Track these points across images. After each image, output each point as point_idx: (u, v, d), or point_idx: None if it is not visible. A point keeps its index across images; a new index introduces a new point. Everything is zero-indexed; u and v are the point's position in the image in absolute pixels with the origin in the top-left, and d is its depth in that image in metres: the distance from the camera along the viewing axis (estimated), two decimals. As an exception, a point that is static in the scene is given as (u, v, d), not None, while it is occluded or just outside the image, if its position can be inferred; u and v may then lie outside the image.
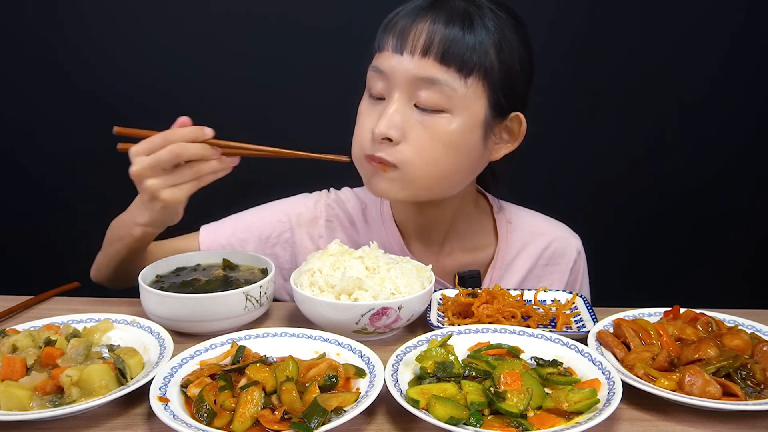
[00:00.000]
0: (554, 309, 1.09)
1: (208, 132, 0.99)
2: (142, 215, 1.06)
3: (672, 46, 1.99)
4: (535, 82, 1.18)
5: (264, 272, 1.12)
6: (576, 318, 1.06)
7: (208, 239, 1.28)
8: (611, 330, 0.96)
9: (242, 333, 0.93)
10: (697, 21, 1.98)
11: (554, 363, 0.87)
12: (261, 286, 1.03)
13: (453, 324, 1.03)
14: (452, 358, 0.84)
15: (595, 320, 1.01)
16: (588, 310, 1.07)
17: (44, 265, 1.98)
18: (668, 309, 1.01)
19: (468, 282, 1.25)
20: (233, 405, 0.76)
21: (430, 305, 1.08)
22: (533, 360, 0.88)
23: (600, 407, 0.76)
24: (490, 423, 0.74)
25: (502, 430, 0.73)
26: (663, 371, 0.84)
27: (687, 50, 2.00)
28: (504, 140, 1.16)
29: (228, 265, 1.16)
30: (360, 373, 0.83)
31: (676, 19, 1.97)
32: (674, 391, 0.80)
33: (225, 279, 1.08)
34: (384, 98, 1.11)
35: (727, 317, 1.01)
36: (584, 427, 0.71)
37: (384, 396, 0.80)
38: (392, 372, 0.83)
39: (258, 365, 0.82)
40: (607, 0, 1.97)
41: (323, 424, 0.72)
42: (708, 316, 0.98)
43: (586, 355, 0.87)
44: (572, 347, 0.90)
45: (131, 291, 1.14)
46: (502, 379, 0.79)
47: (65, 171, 2.05)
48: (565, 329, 1.02)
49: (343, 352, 0.89)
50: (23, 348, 0.85)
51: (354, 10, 1.86)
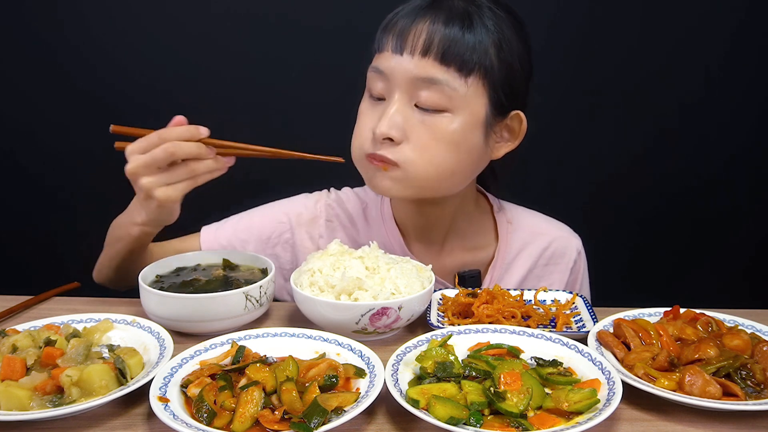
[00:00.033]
0: (554, 309, 1.09)
1: (203, 131, 0.99)
2: (139, 214, 1.07)
3: (672, 46, 1.99)
4: (536, 82, 1.18)
5: (264, 272, 1.12)
6: (576, 318, 1.06)
7: (209, 240, 1.29)
8: (611, 330, 0.96)
9: (242, 333, 0.93)
10: (697, 21, 1.97)
11: (554, 363, 0.87)
12: (261, 286, 1.03)
13: (453, 324, 1.03)
14: (452, 358, 0.84)
15: (595, 320, 1.01)
16: (588, 310, 1.07)
17: (44, 265, 1.99)
18: (668, 309, 1.01)
19: (468, 281, 1.26)
20: (233, 405, 0.76)
21: (430, 305, 1.08)
22: (533, 360, 0.88)
23: (600, 407, 0.76)
24: (490, 423, 0.74)
25: (502, 430, 0.73)
26: (663, 371, 0.84)
27: (687, 50, 2.00)
28: (505, 139, 1.17)
29: (228, 265, 1.16)
30: (360, 373, 0.83)
31: (676, 19, 1.97)
32: (674, 391, 0.80)
33: (225, 279, 1.08)
34: (384, 98, 1.11)
35: (727, 317, 1.01)
36: (584, 427, 0.71)
37: (384, 396, 0.80)
38: (392, 372, 0.83)
39: (258, 365, 0.82)
40: (607, 0, 1.97)
41: (323, 424, 0.72)
42: (708, 316, 0.98)
43: (586, 355, 0.87)
44: (572, 347, 0.90)
45: (131, 291, 1.14)
46: (502, 379, 0.79)
47: (65, 171, 2.05)
48: (565, 329, 1.02)
49: (343, 352, 0.89)
50: (23, 348, 0.85)
51: (354, 10, 1.86)
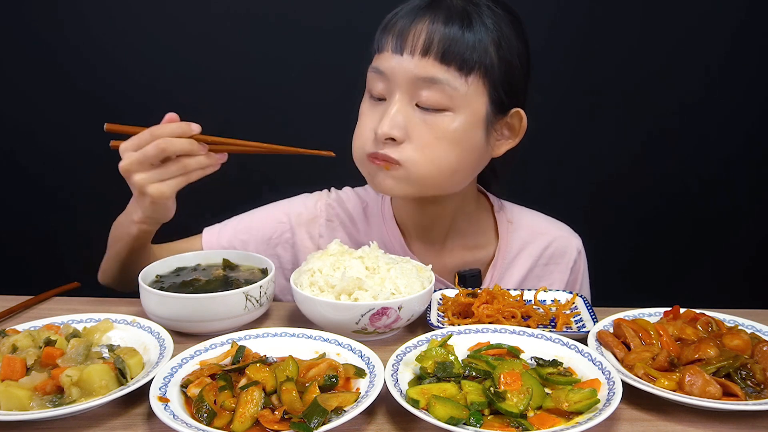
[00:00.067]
0: (554, 309, 1.09)
1: (195, 128, 1.00)
2: (136, 212, 1.08)
3: (672, 46, 2.00)
4: (536, 82, 1.19)
5: (264, 272, 1.12)
6: (576, 318, 1.06)
7: (211, 241, 1.29)
8: (611, 330, 0.96)
9: (242, 333, 0.93)
10: (697, 21, 1.98)
11: (554, 363, 0.87)
12: (261, 286, 1.03)
13: (453, 324, 1.03)
14: (452, 358, 0.84)
15: (595, 320, 1.01)
16: (588, 310, 1.07)
17: (44, 265, 1.99)
18: (668, 309, 1.01)
19: (469, 281, 1.26)
20: (233, 405, 0.76)
21: (430, 305, 1.08)
22: (533, 360, 0.88)
23: (600, 407, 0.76)
24: (490, 423, 0.74)
25: (502, 430, 0.73)
26: (663, 371, 0.84)
27: (687, 50, 2.00)
28: (505, 136, 1.17)
29: (228, 265, 1.16)
30: (360, 373, 0.83)
31: (676, 19, 1.97)
32: (674, 391, 0.80)
33: (225, 279, 1.08)
34: (385, 99, 1.11)
35: (727, 317, 1.01)
36: (584, 427, 0.71)
37: (384, 396, 0.80)
38: (392, 372, 0.83)
39: (258, 365, 0.82)
40: (607, 0, 1.97)
41: (323, 424, 0.72)
42: (708, 316, 0.98)
43: (586, 355, 0.87)
44: (572, 347, 0.90)
45: (131, 291, 1.14)
46: (502, 379, 0.79)
47: (65, 171, 2.05)
48: (565, 329, 1.02)
49: (343, 352, 0.89)
50: (23, 348, 0.85)
51: (354, 10, 1.86)
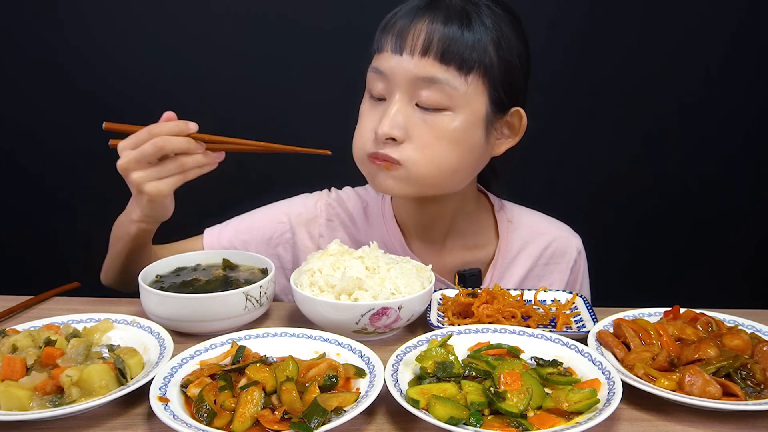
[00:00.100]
0: (554, 309, 1.09)
1: (192, 126, 1.01)
2: (134, 211, 1.09)
3: (672, 46, 1.99)
4: (536, 82, 1.19)
5: (264, 272, 1.12)
6: (576, 318, 1.06)
7: (212, 242, 1.29)
8: (611, 330, 0.96)
9: (242, 333, 0.93)
10: (697, 21, 1.97)
11: (554, 363, 0.87)
12: (261, 286, 1.03)
13: (453, 324, 1.03)
14: (452, 358, 0.84)
15: (595, 320, 1.01)
16: (588, 310, 1.07)
17: (44, 265, 1.99)
18: (668, 309, 1.01)
19: (469, 280, 1.26)
20: (233, 405, 0.76)
21: (430, 305, 1.08)
22: (533, 360, 0.88)
23: (600, 407, 0.76)
24: (490, 423, 0.74)
25: (502, 430, 0.73)
26: (663, 371, 0.84)
27: (687, 50, 2.00)
28: (505, 135, 1.17)
29: (228, 265, 1.16)
30: (360, 373, 0.83)
31: (676, 19, 1.97)
32: (674, 391, 0.80)
33: (225, 279, 1.08)
34: (385, 99, 1.11)
35: (727, 317, 1.01)
36: (584, 427, 0.71)
37: (384, 396, 0.80)
38: (392, 372, 0.83)
39: (258, 365, 0.82)
40: (607, 0, 1.97)
41: (323, 424, 0.72)
42: (708, 316, 0.98)
43: (586, 355, 0.87)
44: (572, 347, 0.90)
45: (133, 292, 1.14)
46: (502, 379, 0.79)
47: (65, 171, 2.05)
48: (565, 329, 1.02)
49: (343, 352, 0.89)
50: (23, 348, 0.85)
51: (354, 10, 1.86)
